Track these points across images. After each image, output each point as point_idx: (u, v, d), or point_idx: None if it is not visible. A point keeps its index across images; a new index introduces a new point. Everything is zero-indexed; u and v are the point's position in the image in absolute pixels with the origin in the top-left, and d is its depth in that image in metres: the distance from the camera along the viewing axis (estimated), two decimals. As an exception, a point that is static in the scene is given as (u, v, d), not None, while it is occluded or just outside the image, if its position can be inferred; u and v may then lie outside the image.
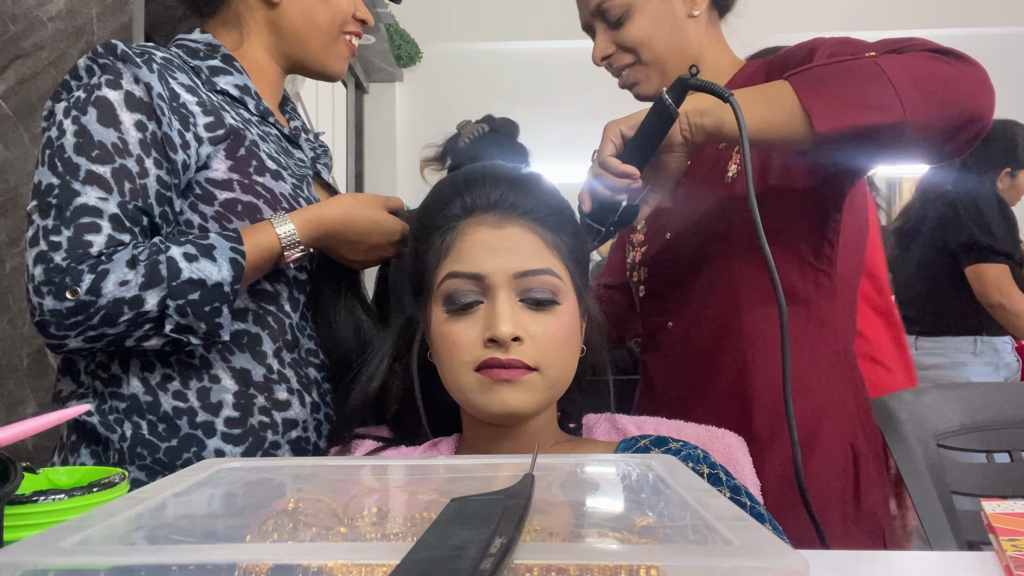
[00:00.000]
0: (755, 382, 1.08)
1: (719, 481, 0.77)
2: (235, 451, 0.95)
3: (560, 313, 0.82)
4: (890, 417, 1.23)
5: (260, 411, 0.96)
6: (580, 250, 0.88)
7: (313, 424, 1.01)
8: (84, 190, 0.87)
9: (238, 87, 1.03)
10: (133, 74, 0.92)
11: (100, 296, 0.84)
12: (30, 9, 1.43)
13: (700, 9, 1.15)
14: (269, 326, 0.99)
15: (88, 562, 0.41)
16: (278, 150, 1.04)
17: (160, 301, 0.86)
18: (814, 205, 1.08)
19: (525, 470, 0.53)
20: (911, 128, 0.87)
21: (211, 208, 0.95)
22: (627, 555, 0.40)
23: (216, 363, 0.96)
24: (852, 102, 0.88)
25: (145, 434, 0.93)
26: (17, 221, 1.41)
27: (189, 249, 0.88)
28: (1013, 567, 0.60)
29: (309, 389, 1.01)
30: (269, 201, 0.98)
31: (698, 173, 1.15)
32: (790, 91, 0.90)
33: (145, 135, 0.91)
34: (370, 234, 1.00)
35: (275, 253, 0.94)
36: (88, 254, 0.86)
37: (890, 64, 0.88)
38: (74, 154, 0.88)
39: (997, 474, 1.25)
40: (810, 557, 0.38)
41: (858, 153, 0.95)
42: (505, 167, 0.89)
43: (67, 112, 0.90)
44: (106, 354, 0.95)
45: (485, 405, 0.80)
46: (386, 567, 0.38)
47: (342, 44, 1.08)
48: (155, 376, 0.94)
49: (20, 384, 1.38)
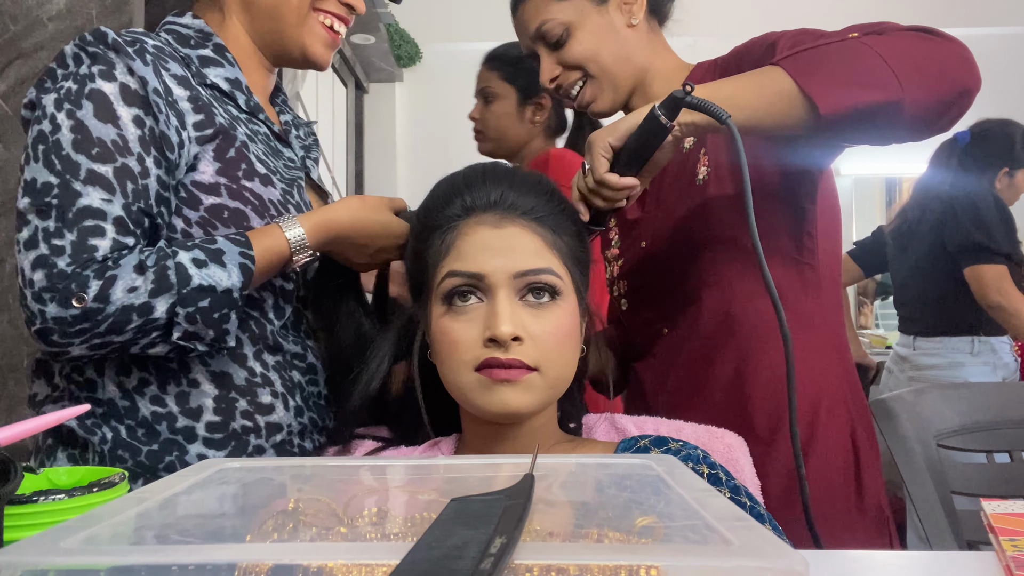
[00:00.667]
0: (753, 380, 1.08)
1: (719, 481, 0.77)
2: (218, 456, 0.92)
3: (560, 312, 0.82)
4: (890, 417, 1.24)
5: (242, 415, 0.94)
6: (580, 250, 0.89)
7: (298, 428, 0.99)
8: (86, 191, 0.84)
9: (228, 80, 1.00)
10: (127, 65, 0.88)
11: (108, 303, 0.81)
12: (30, 9, 1.43)
13: (638, 18, 1.16)
14: (250, 330, 0.96)
15: (88, 562, 0.41)
16: (267, 151, 1.01)
17: (169, 308, 0.83)
18: (788, 200, 1.09)
19: (525, 470, 0.53)
20: (909, 105, 0.87)
21: (196, 213, 0.92)
22: (627, 555, 0.40)
23: (195, 367, 0.93)
24: (852, 82, 0.88)
25: (125, 437, 0.90)
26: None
27: (197, 254, 0.86)
28: (1013, 567, 0.60)
29: (293, 393, 0.99)
30: (257, 208, 0.95)
31: (665, 179, 1.15)
32: (785, 76, 0.89)
33: (143, 131, 0.87)
34: (378, 237, 0.98)
35: (283, 258, 0.92)
36: (93, 259, 0.83)
37: (880, 44, 0.89)
38: (73, 151, 0.84)
39: (997, 474, 1.25)
40: (810, 557, 0.38)
41: (858, 133, 0.95)
42: (505, 166, 0.90)
43: (59, 104, 0.86)
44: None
45: (485, 405, 0.80)
46: (386, 567, 0.38)
47: (315, 23, 1.02)
48: (131, 380, 0.91)
49: (20, 384, 1.38)
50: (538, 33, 1.15)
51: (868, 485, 1.08)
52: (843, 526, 1.04)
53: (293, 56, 1.05)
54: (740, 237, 1.08)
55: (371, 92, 4.00)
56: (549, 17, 1.14)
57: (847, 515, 1.05)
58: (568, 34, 1.14)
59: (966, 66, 0.90)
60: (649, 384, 1.20)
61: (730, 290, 1.10)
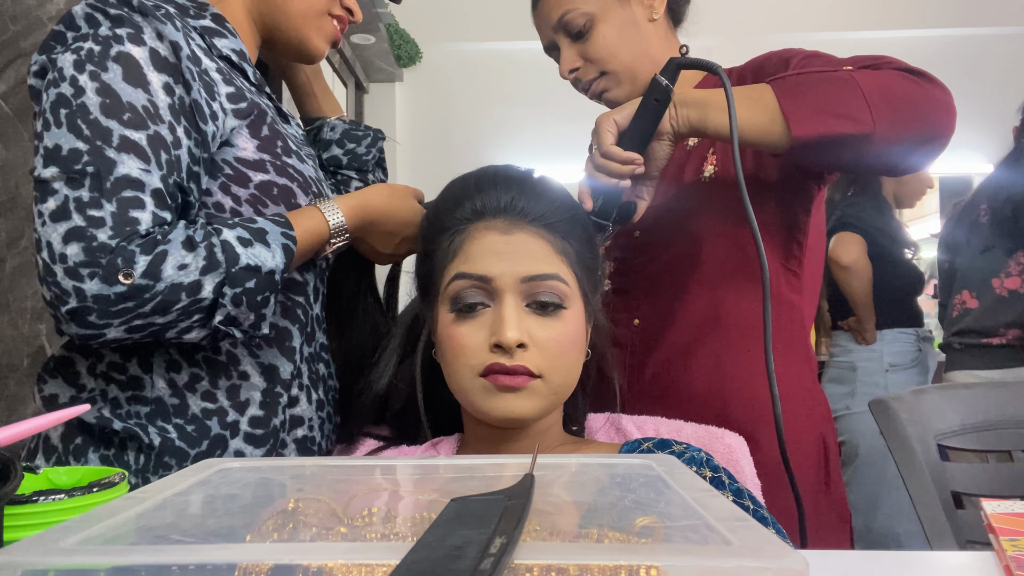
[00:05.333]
0: (733, 376, 1.11)
1: (722, 485, 0.77)
2: (255, 454, 0.89)
3: (566, 319, 0.82)
4: (890, 417, 1.24)
5: (282, 410, 0.91)
6: (589, 256, 0.88)
7: (318, 423, 0.96)
8: (121, 159, 0.77)
9: (235, 52, 0.94)
10: (156, 29, 0.82)
11: (159, 280, 0.75)
12: (30, 9, 1.42)
13: (659, 13, 1.18)
14: (298, 320, 0.93)
15: (88, 562, 0.40)
16: (284, 130, 0.97)
17: (216, 287, 0.78)
18: (784, 208, 1.13)
19: (525, 470, 0.53)
20: (877, 140, 0.92)
21: (246, 191, 0.87)
22: (627, 555, 0.40)
23: (244, 359, 0.89)
24: (827, 111, 0.92)
25: (175, 439, 0.85)
26: (17, 221, 1.40)
27: (241, 233, 0.81)
28: (1013, 567, 0.60)
29: (316, 386, 0.97)
30: (302, 184, 0.92)
31: (668, 173, 1.17)
32: (771, 95, 0.94)
33: (174, 100, 0.81)
34: (407, 225, 0.97)
35: (323, 240, 0.89)
36: (137, 232, 0.76)
37: (865, 79, 0.93)
38: (102, 115, 0.77)
39: (997, 474, 1.25)
40: (810, 557, 0.38)
41: (827, 160, 1.00)
42: (517, 171, 0.89)
43: (79, 66, 0.78)
44: (120, 353, 0.87)
45: (489, 410, 0.80)
46: (386, 567, 0.38)
47: (327, 22, 1.00)
48: (183, 376, 0.86)
49: (20, 384, 1.38)
50: (560, 23, 1.16)
51: (834, 480, 1.13)
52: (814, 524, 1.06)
53: (288, 42, 1.01)
54: (737, 235, 1.11)
55: (371, 92, 4.00)
56: (572, 7, 1.15)
57: (815, 509, 1.08)
58: (590, 25, 1.15)
59: (943, 111, 0.94)
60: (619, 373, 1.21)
61: (720, 287, 1.13)
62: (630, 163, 0.94)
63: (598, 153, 0.96)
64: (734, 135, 0.91)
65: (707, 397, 1.11)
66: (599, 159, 0.96)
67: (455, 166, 0.94)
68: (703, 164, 1.15)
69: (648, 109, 0.94)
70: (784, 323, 1.12)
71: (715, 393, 1.11)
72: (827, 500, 1.11)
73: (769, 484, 0.92)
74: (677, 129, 0.97)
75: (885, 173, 1.02)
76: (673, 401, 1.12)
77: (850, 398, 2.51)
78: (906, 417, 1.23)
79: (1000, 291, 2.20)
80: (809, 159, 1.01)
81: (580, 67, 1.18)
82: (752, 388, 1.08)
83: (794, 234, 1.13)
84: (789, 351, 1.11)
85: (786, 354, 1.10)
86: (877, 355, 2.54)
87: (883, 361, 2.53)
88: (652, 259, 1.18)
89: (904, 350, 2.54)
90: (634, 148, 0.95)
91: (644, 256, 1.19)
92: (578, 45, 1.17)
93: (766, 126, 0.94)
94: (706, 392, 1.12)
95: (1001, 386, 1.40)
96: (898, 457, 1.21)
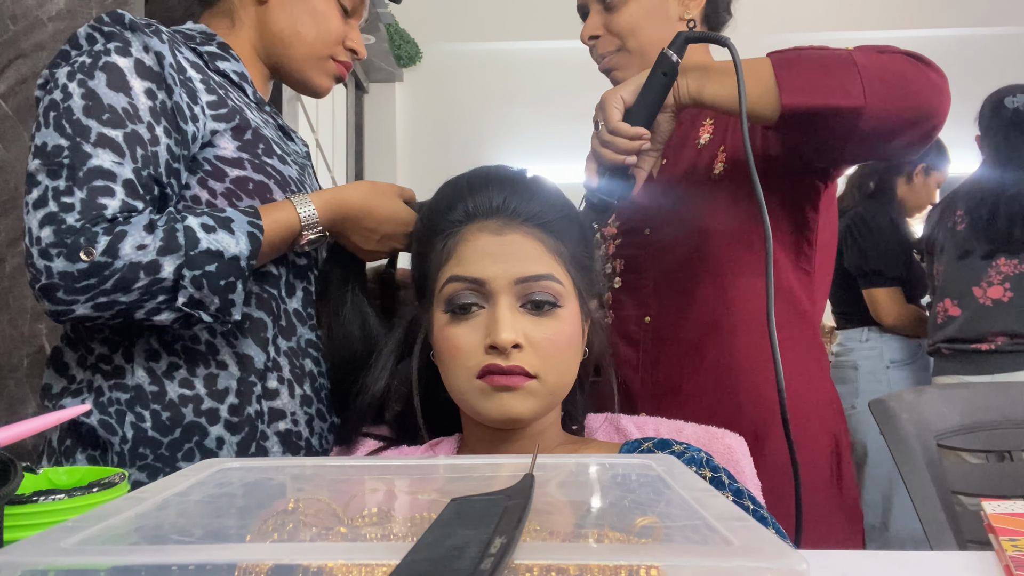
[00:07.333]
0: (744, 375, 1.11)
1: (722, 485, 0.77)
2: (233, 439, 0.93)
3: (561, 318, 0.82)
4: (890, 417, 1.24)
5: (256, 399, 0.95)
6: (583, 255, 0.88)
7: (304, 418, 0.99)
8: (96, 152, 0.84)
9: (236, 73, 1.03)
10: (143, 43, 0.90)
11: (117, 258, 0.81)
12: (30, 9, 1.42)
13: (692, 15, 1.19)
14: (272, 311, 0.97)
15: (88, 562, 0.40)
16: (277, 137, 1.04)
17: (176, 269, 0.83)
18: (792, 205, 1.12)
19: (525, 470, 0.53)
20: (867, 115, 0.91)
21: (221, 185, 0.93)
22: (627, 555, 0.40)
23: (222, 348, 0.94)
24: (821, 84, 0.92)
25: (148, 428, 0.90)
26: (17, 221, 1.41)
27: (206, 220, 0.86)
28: (1013, 567, 0.60)
29: (301, 381, 0.99)
30: (279, 182, 0.97)
31: (678, 171, 1.18)
32: (768, 66, 0.94)
33: (155, 103, 0.89)
34: (386, 223, 0.99)
35: (293, 232, 0.93)
36: (103, 216, 0.83)
37: (861, 56, 0.93)
38: (83, 116, 0.85)
39: (997, 474, 1.25)
40: (810, 557, 0.38)
41: (816, 137, 0.99)
42: (509, 171, 0.89)
43: (71, 76, 0.87)
44: (108, 345, 0.93)
45: (486, 411, 0.80)
46: (386, 567, 0.38)
47: (331, 65, 1.09)
48: (161, 365, 0.92)
49: (20, 384, 1.38)
50: None
51: (846, 479, 1.12)
52: (825, 523, 1.06)
53: (292, 80, 1.09)
54: (748, 232, 1.11)
55: (371, 92, 4.00)
56: None
57: (827, 509, 1.08)
58: (624, 1, 1.17)
59: (935, 93, 0.94)
60: (631, 374, 1.21)
61: (731, 284, 1.13)
62: (638, 138, 0.95)
63: (605, 129, 0.96)
64: (743, 105, 0.92)
65: (718, 393, 1.11)
66: (606, 135, 0.96)
67: (455, 166, 0.94)
68: (713, 161, 1.16)
69: (655, 83, 0.95)
70: (795, 321, 1.12)
71: (726, 389, 1.11)
72: (839, 498, 1.11)
73: (780, 481, 0.91)
74: (679, 100, 0.98)
75: (872, 155, 1.01)
76: (685, 397, 1.12)
77: (855, 397, 2.51)
78: (906, 417, 1.23)
79: (984, 300, 2.19)
80: (799, 135, 1.01)
81: (600, 36, 1.20)
82: (764, 384, 1.08)
83: (804, 233, 1.14)
84: (800, 349, 1.11)
85: (797, 351, 1.10)
86: (878, 352, 2.55)
87: (884, 358, 2.54)
88: (663, 256, 1.18)
89: (904, 346, 2.55)
90: (640, 123, 0.96)
91: (655, 253, 1.19)
92: (606, 15, 1.19)
93: (760, 95, 0.94)
94: (717, 388, 1.12)
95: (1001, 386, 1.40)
96: (898, 457, 1.21)
